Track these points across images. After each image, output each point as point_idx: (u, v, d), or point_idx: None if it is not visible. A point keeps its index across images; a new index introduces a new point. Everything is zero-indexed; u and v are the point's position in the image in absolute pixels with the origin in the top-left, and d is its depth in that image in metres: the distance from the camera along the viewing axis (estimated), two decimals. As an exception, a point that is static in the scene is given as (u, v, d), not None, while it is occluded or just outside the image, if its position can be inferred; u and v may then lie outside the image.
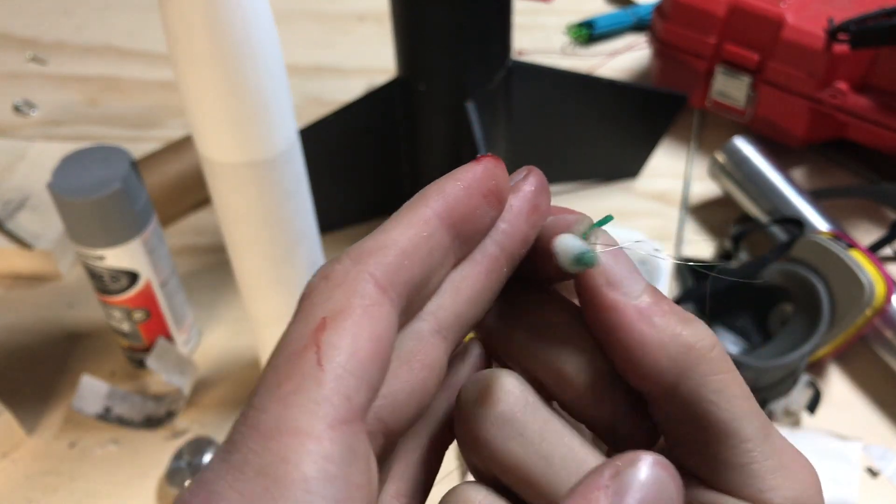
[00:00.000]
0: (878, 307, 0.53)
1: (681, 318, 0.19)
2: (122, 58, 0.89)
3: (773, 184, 0.64)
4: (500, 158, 0.20)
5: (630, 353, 0.19)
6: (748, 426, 0.19)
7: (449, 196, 0.19)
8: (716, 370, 0.19)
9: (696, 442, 0.19)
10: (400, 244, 0.18)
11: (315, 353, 0.16)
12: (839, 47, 0.63)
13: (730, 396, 0.19)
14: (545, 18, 0.91)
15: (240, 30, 0.36)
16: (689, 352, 0.19)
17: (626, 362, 0.19)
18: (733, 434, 0.19)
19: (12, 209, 0.66)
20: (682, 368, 0.19)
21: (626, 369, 0.19)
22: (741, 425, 0.19)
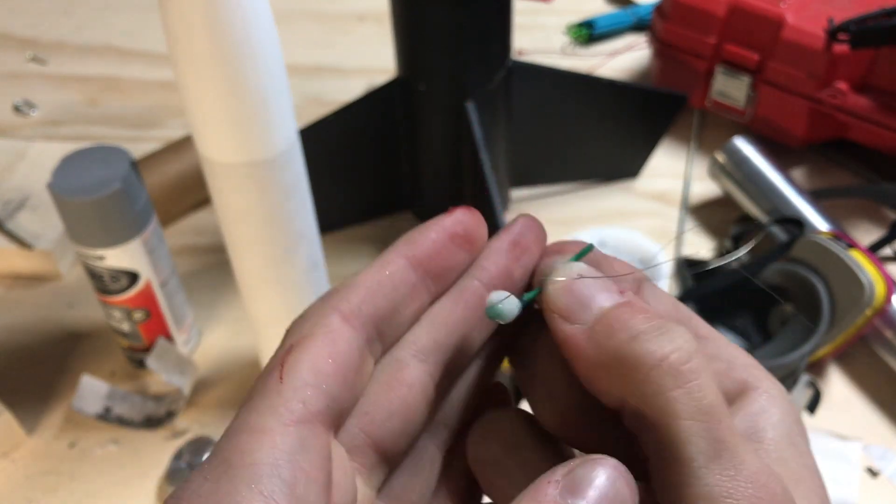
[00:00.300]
0: (878, 307, 0.53)
1: (637, 334, 0.19)
2: (122, 58, 0.89)
3: (773, 184, 0.64)
4: (475, 209, 0.23)
5: (581, 375, 0.20)
6: (690, 447, 0.18)
7: (414, 240, 0.23)
8: (656, 391, 0.18)
9: (654, 466, 0.19)
10: (364, 282, 0.21)
11: (279, 372, 0.19)
12: (839, 47, 0.63)
13: (673, 414, 0.18)
14: (545, 18, 0.91)
15: (240, 30, 0.36)
16: (634, 371, 0.19)
17: (585, 385, 0.20)
18: (674, 458, 0.18)
19: (12, 209, 0.66)
20: (625, 387, 0.19)
21: (590, 392, 0.20)
22: (683, 447, 0.18)
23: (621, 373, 0.19)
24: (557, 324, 0.21)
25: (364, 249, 0.66)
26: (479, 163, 0.57)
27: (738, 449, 0.18)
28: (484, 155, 0.57)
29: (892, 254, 0.63)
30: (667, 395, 0.18)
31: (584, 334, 0.20)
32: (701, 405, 0.18)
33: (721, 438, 0.18)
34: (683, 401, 0.18)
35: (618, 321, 0.20)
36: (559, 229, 0.66)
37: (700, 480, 0.18)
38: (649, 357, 0.19)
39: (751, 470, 0.18)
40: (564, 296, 0.21)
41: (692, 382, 0.19)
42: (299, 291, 0.48)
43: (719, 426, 0.18)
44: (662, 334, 0.19)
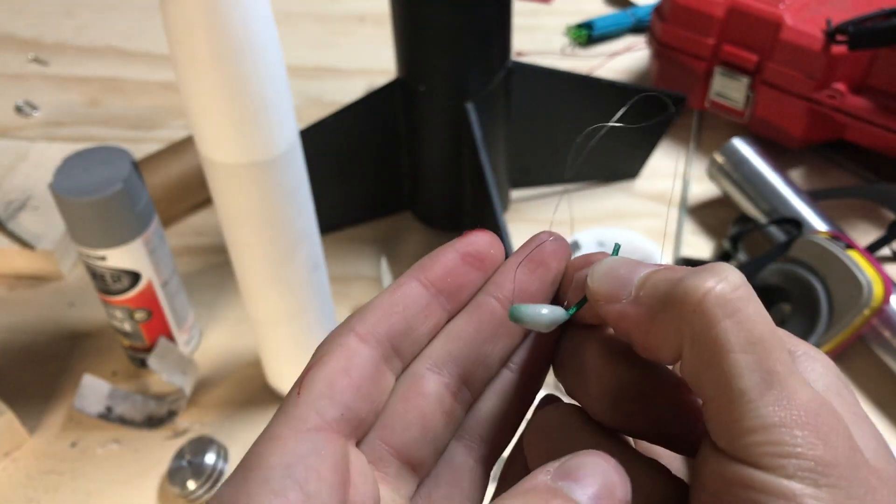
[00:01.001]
0: (877, 307, 0.53)
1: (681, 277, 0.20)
2: (124, 59, 0.89)
3: (772, 184, 0.64)
4: (488, 231, 0.25)
5: (637, 344, 0.21)
6: (743, 380, 0.18)
7: (426, 263, 0.24)
8: (706, 325, 0.19)
9: (711, 411, 0.19)
10: (379, 303, 0.23)
11: (297, 388, 0.21)
12: (837, 48, 0.63)
13: (725, 347, 0.18)
14: (545, 19, 0.91)
15: (241, 31, 0.37)
16: (683, 309, 0.19)
17: (643, 352, 0.21)
18: (726, 394, 0.18)
19: (14, 209, 0.66)
20: (678, 333, 0.19)
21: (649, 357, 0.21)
22: (735, 382, 0.18)
23: (672, 319, 0.19)
24: (605, 309, 0.21)
25: (364, 250, 0.67)
26: (479, 163, 0.57)
27: (790, 379, 0.18)
28: (484, 155, 0.57)
29: (891, 254, 0.63)
30: (717, 328, 0.18)
31: (631, 304, 0.21)
32: (751, 335, 0.18)
33: (772, 370, 0.18)
34: (733, 331, 0.18)
35: (660, 276, 0.20)
36: (558, 230, 0.66)
37: (753, 412, 0.18)
38: (696, 290, 0.19)
39: (802, 399, 0.18)
40: (606, 281, 0.21)
41: (741, 312, 0.19)
42: (300, 291, 0.49)
43: (770, 357, 0.18)
44: (706, 270, 0.19)
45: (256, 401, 0.56)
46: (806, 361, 0.20)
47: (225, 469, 0.51)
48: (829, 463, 0.17)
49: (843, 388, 0.20)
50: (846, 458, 0.18)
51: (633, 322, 0.21)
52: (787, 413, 0.18)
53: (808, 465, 0.17)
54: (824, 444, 0.17)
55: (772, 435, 0.17)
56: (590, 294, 0.22)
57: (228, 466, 0.52)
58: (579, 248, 0.61)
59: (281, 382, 0.55)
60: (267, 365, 0.55)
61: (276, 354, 0.53)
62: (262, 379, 0.57)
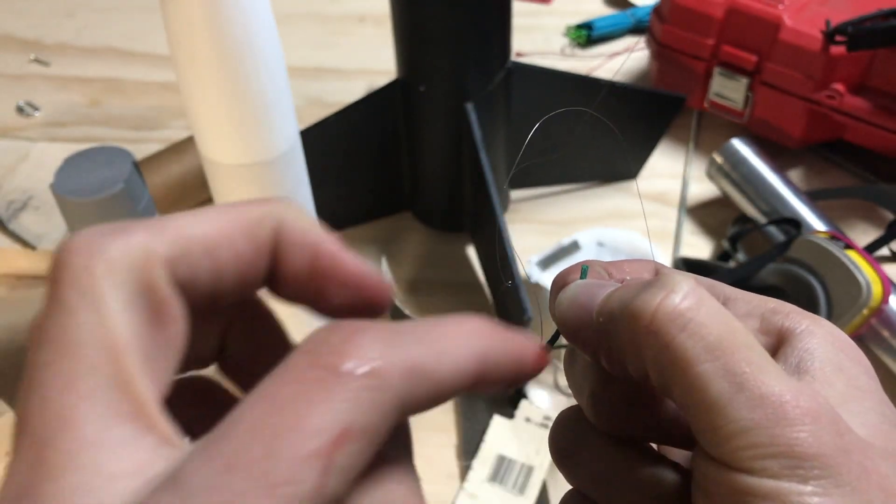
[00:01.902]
0: (876, 307, 0.53)
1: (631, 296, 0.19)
2: (124, 59, 0.89)
3: (771, 184, 0.64)
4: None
5: (608, 367, 0.21)
6: (711, 390, 0.18)
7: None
8: (662, 344, 0.18)
9: (692, 425, 0.19)
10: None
11: None
12: (836, 49, 0.63)
13: (685, 361, 0.18)
14: (544, 20, 0.91)
15: (241, 32, 0.37)
16: (638, 331, 0.19)
17: (615, 373, 0.21)
18: (699, 404, 0.18)
19: (15, 210, 0.66)
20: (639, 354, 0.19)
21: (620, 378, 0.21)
22: (704, 393, 0.18)
23: (631, 341, 0.19)
24: (575, 339, 0.21)
25: (364, 249, 0.67)
26: (479, 164, 0.58)
27: (760, 376, 0.18)
28: (483, 156, 0.58)
29: (889, 254, 0.63)
30: (673, 344, 0.18)
31: (593, 326, 0.21)
32: (709, 343, 0.18)
33: (738, 371, 0.18)
34: (690, 344, 0.18)
35: (614, 298, 0.20)
36: (558, 230, 0.67)
37: (728, 418, 0.17)
38: (645, 310, 0.19)
39: (775, 394, 0.17)
40: (570, 309, 0.21)
41: (693, 321, 0.18)
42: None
43: (733, 359, 0.18)
44: (653, 287, 0.19)
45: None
46: (807, 339, 0.20)
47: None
48: (812, 455, 0.17)
49: (845, 360, 0.20)
50: (832, 444, 0.17)
51: (597, 347, 0.21)
52: (761, 413, 0.17)
53: (791, 462, 0.17)
54: (806, 435, 0.17)
55: (750, 438, 0.17)
56: (557, 324, 0.22)
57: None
58: (579, 249, 0.61)
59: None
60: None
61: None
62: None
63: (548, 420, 0.53)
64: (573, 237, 0.61)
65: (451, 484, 0.51)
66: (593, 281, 0.22)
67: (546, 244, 0.61)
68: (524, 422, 0.53)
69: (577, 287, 0.22)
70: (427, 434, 0.54)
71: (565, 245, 0.60)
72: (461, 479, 0.52)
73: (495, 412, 0.54)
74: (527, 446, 0.51)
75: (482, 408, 0.54)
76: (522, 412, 0.53)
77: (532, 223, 0.68)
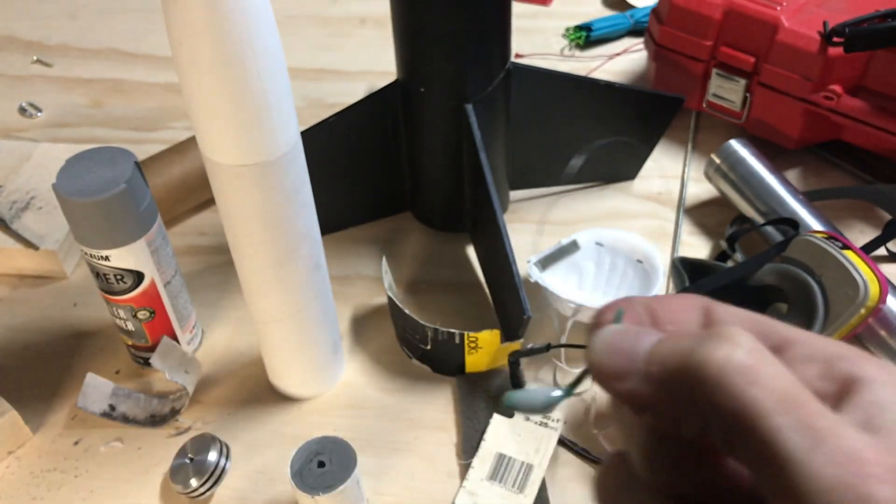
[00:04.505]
0: (873, 306, 0.53)
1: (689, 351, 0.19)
2: (127, 60, 0.90)
3: (769, 185, 0.64)
4: None
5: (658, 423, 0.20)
6: (787, 444, 0.17)
7: None
8: (732, 397, 0.18)
9: (760, 480, 0.18)
10: None
11: None
12: (834, 50, 0.64)
13: (756, 415, 0.17)
14: (543, 22, 0.92)
15: (243, 33, 0.37)
16: (702, 386, 0.18)
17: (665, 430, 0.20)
18: (773, 460, 0.17)
19: (18, 210, 0.67)
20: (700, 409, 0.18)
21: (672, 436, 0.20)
22: (779, 447, 0.17)
23: (691, 396, 0.19)
24: (616, 388, 0.20)
25: (365, 250, 0.67)
26: (479, 164, 0.58)
27: (837, 430, 0.17)
28: (483, 156, 0.58)
29: (887, 254, 0.64)
30: (743, 397, 0.18)
31: (642, 382, 0.20)
32: (779, 396, 0.18)
33: (814, 425, 0.17)
34: (761, 397, 0.17)
35: (668, 349, 0.19)
36: (558, 230, 0.67)
37: (808, 475, 0.17)
38: (711, 363, 0.18)
39: (855, 448, 0.17)
40: (610, 357, 0.21)
41: (762, 373, 0.18)
42: (301, 291, 0.49)
43: (806, 412, 0.17)
44: (714, 339, 0.19)
45: (258, 399, 0.57)
46: (877, 390, 0.19)
47: (227, 467, 0.52)
48: None
49: None
50: None
51: (646, 399, 0.20)
52: (844, 470, 0.17)
53: None
54: (892, 494, 0.17)
55: (834, 496, 0.17)
56: (594, 371, 0.21)
57: (230, 464, 0.52)
58: (578, 249, 0.61)
59: (281, 381, 0.56)
60: (268, 363, 0.56)
61: (277, 353, 0.54)
62: (263, 377, 0.57)
63: (547, 419, 0.53)
64: (572, 237, 0.61)
65: (452, 482, 0.52)
66: (634, 327, 0.21)
67: (545, 244, 0.61)
68: (524, 420, 0.53)
69: (615, 333, 0.21)
70: (427, 433, 0.54)
71: (565, 245, 0.61)
72: (461, 477, 0.52)
73: (495, 411, 0.54)
74: (526, 445, 0.52)
75: (482, 407, 0.55)
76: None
77: (532, 223, 0.69)
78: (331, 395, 0.57)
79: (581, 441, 0.53)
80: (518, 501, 0.49)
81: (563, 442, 0.53)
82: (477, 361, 0.56)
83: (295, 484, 0.45)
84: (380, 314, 0.62)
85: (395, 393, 0.57)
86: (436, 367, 0.58)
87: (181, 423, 0.55)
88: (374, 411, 0.56)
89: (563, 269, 0.60)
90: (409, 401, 0.56)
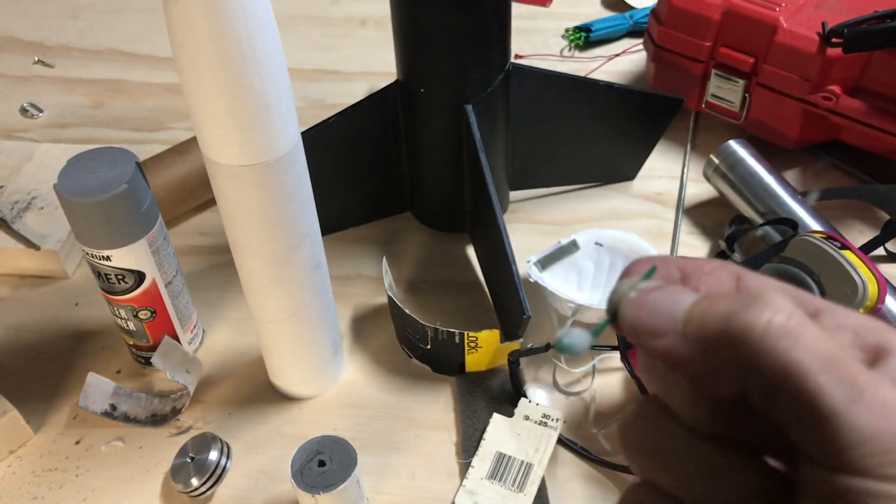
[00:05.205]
0: (872, 307, 0.53)
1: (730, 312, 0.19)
2: (128, 61, 0.90)
3: (768, 185, 0.65)
4: None
5: (692, 380, 0.21)
6: (829, 398, 0.18)
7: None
8: (776, 358, 0.19)
9: (798, 433, 0.19)
10: None
11: None
12: (832, 51, 0.64)
13: (801, 373, 0.18)
14: (543, 22, 0.92)
15: (243, 34, 0.37)
16: (745, 347, 0.19)
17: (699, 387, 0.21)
18: (815, 414, 0.18)
19: (19, 210, 0.67)
20: (741, 368, 0.19)
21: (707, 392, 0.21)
22: (822, 402, 0.18)
23: (731, 356, 0.19)
24: (651, 344, 0.21)
25: (365, 250, 0.67)
26: (479, 165, 0.58)
27: (878, 385, 0.18)
28: (483, 157, 0.58)
29: (885, 254, 0.64)
30: (788, 357, 0.18)
31: (680, 340, 0.20)
32: (823, 355, 0.18)
33: (855, 381, 0.18)
34: (805, 357, 0.18)
35: (707, 311, 0.20)
36: (557, 230, 0.67)
37: (848, 426, 0.18)
38: (755, 327, 0.19)
39: (894, 398, 0.18)
40: (643, 314, 0.21)
41: (805, 336, 0.19)
42: (301, 291, 0.49)
43: (847, 370, 0.18)
44: (756, 303, 0.19)
45: (259, 398, 0.57)
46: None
47: (228, 466, 0.52)
48: None
49: None
50: None
51: (682, 357, 0.20)
52: (884, 420, 0.18)
53: None
54: None
55: (874, 445, 0.18)
56: (626, 325, 0.21)
57: (231, 463, 0.52)
58: (578, 249, 0.61)
59: (282, 380, 0.56)
60: (269, 362, 0.56)
61: (278, 352, 0.54)
62: (264, 377, 0.57)
63: (546, 418, 0.53)
64: (572, 237, 0.61)
65: (451, 481, 0.52)
66: (671, 286, 0.21)
67: (545, 244, 0.61)
68: (523, 420, 0.53)
69: (652, 291, 0.21)
70: (427, 432, 0.55)
71: (564, 245, 0.61)
72: (461, 476, 0.52)
73: (495, 410, 0.54)
74: (526, 444, 0.52)
75: (482, 406, 0.55)
76: (521, 410, 0.54)
77: (531, 223, 0.69)
78: (331, 394, 0.57)
79: (581, 440, 0.53)
80: (518, 500, 0.50)
81: (562, 441, 0.53)
82: (477, 361, 0.56)
83: (295, 483, 0.45)
84: (380, 314, 0.62)
85: (395, 392, 0.57)
86: (436, 367, 0.58)
87: (182, 423, 0.56)
88: (374, 411, 0.56)
89: (562, 269, 0.61)
90: (409, 400, 0.56)
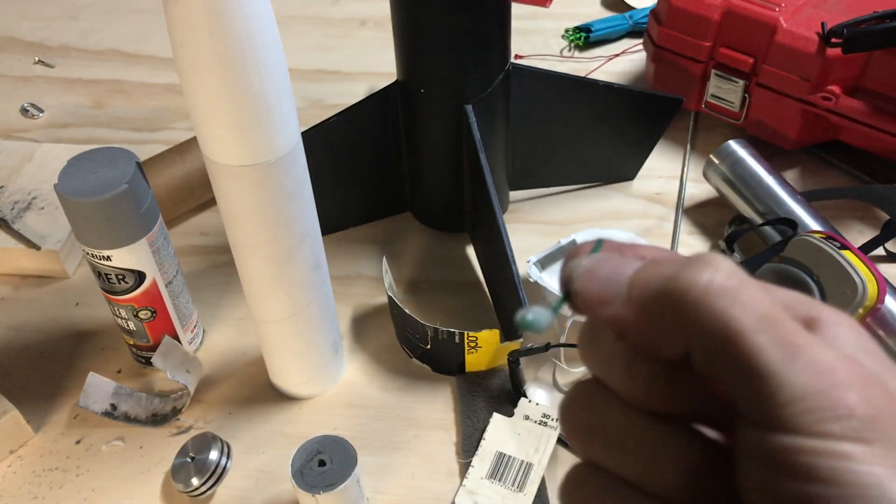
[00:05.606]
0: (871, 306, 0.53)
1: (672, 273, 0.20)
2: (128, 61, 0.90)
3: (767, 185, 0.65)
4: None
5: (640, 345, 0.21)
6: (765, 357, 0.18)
7: None
8: (713, 317, 0.19)
9: (736, 395, 0.19)
10: None
11: None
12: (832, 51, 0.64)
13: (738, 332, 0.18)
14: (543, 23, 0.92)
15: (243, 34, 0.37)
16: (685, 307, 0.19)
17: (647, 351, 0.21)
18: (752, 374, 0.18)
19: (20, 210, 0.67)
20: (682, 328, 0.19)
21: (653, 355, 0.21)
22: (758, 361, 0.18)
23: (673, 317, 0.19)
24: (600, 312, 0.21)
25: (365, 250, 0.67)
26: (479, 165, 0.58)
27: (811, 346, 0.19)
28: (483, 157, 0.58)
29: (885, 254, 0.64)
30: (725, 316, 0.19)
31: (625, 304, 0.21)
32: (759, 315, 0.19)
33: (791, 341, 0.18)
34: (742, 316, 0.19)
35: (649, 273, 0.20)
36: (557, 230, 0.67)
37: (785, 385, 0.18)
38: (694, 286, 0.19)
39: (829, 361, 0.18)
40: (591, 283, 0.21)
41: (743, 295, 0.19)
42: (302, 291, 0.49)
43: (784, 330, 0.19)
44: (697, 263, 0.20)
45: (259, 398, 0.57)
46: (830, 327, 0.21)
47: (228, 466, 0.52)
48: (872, 418, 0.18)
49: (870, 343, 0.21)
50: (888, 409, 0.18)
51: (629, 322, 0.21)
52: (819, 379, 0.18)
53: (854, 424, 0.18)
54: (863, 400, 0.18)
55: (810, 402, 0.18)
56: (577, 297, 0.22)
57: (231, 463, 0.52)
58: (577, 248, 0.61)
59: (282, 380, 0.56)
60: (269, 362, 0.56)
61: (278, 352, 0.54)
62: (264, 377, 0.58)
63: (546, 418, 0.53)
64: (571, 237, 0.61)
65: (452, 481, 0.52)
66: (615, 256, 0.22)
67: (545, 244, 0.61)
68: (523, 419, 0.53)
69: (596, 260, 0.22)
70: (427, 432, 0.55)
71: (564, 245, 0.61)
72: (461, 476, 0.52)
73: (495, 410, 0.54)
74: (526, 444, 0.52)
75: (482, 406, 0.55)
76: (521, 410, 0.54)
77: (531, 223, 0.69)
78: (331, 394, 0.57)
79: (580, 440, 0.53)
80: (518, 500, 0.50)
81: (562, 441, 0.53)
82: (477, 361, 0.56)
83: (295, 483, 0.45)
84: (380, 314, 0.62)
85: (395, 392, 0.57)
86: (436, 367, 0.58)
87: (182, 423, 0.56)
88: (374, 410, 0.56)
89: (562, 269, 0.61)
90: (409, 400, 0.57)
